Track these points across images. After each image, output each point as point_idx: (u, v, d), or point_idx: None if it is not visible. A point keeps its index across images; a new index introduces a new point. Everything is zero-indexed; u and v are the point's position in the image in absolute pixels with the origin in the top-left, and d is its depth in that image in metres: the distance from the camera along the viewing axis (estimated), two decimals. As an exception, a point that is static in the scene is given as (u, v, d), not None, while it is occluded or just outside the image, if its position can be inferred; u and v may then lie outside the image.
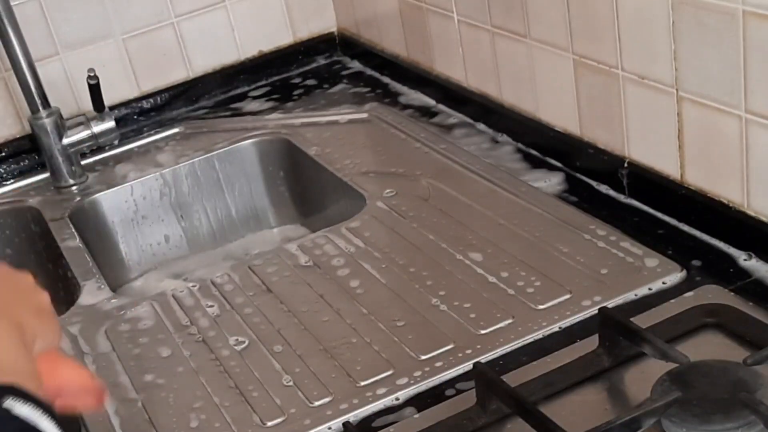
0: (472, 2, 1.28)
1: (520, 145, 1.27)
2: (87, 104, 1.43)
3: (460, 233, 1.11)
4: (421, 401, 0.88)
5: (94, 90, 1.40)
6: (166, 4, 1.58)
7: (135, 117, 1.61)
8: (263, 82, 1.68)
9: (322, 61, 1.71)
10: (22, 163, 1.54)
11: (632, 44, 1.02)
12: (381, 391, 0.90)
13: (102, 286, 1.17)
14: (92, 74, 1.39)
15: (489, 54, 1.28)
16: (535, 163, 1.22)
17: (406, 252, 1.10)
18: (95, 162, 1.50)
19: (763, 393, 0.73)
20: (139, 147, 1.53)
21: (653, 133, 1.04)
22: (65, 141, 1.42)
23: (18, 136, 1.55)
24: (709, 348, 0.84)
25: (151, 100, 1.62)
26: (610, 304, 0.93)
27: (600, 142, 1.14)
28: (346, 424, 0.86)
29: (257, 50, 1.67)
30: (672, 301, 0.91)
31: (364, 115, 1.47)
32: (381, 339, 0.97)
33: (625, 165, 1.10)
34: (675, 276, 0.95)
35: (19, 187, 1.49)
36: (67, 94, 1.54)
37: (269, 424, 0.89)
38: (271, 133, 1.48)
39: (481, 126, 1.34)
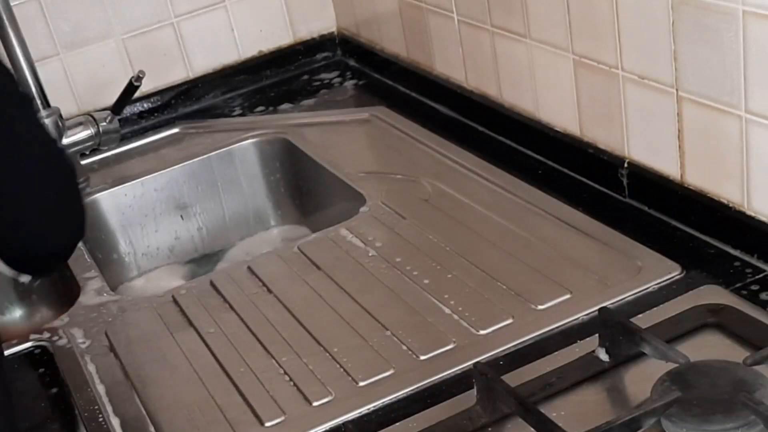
0: (472, 2, 1.28)
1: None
2: (87, 104, 1.43)
3: (460, 233, 1.11)
4: (421, 401, 0.88)
5: (130, 92, 1.39)
6: (165, 4, 1.58)
7: (135, 117, 1.61)
8: (263, 83, 1.68)
9: (321, 61, 1.71)
10: (22, 163, 1.54)
11: (632, 44, 1.02)
12: (381, 391, 0.90)
13: (102, 286, 1.17)
14: (142, 76, 1.38)
15: (489, 54, 1.28)
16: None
17: (405, 252, 1.10)
18: (95, 162, 1.50)
19: (762, 393, 0.73)
20: (139, 147, 1.53)
21: (653, 134, 1.04)
22: (65, 141, 1.42)
23: (18, 136, 1.55)
24: (708, 348, 0.84)
25: (151, 100, 1.62)
26: (610, 304, 0.93)
27: (600, 142, 1.14)
28: (345, 424, 0.86)
29: (257, 50, 1.68)
30: (672, 301, 0.91)
31: (364, 115, 1.47)
32: (381, 339, 0.96)
33: (625, 165, 1.10)
34: (675, 276, 0.95)
35: (19, 187, 1.48)
36: (67, 94, 1.54)
37: (269, 423, 0.89)
38: (271, 133, 1.48)
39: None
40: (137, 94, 1.60)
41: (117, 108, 1.42)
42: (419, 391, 0.89)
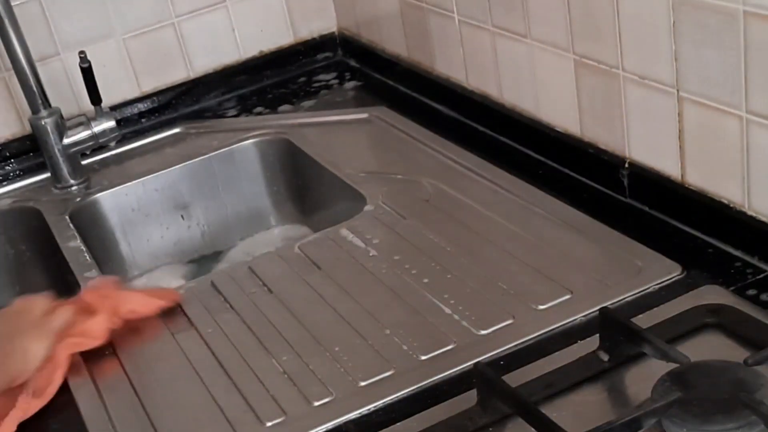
0: (472, 2, 1.28)
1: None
2: (88, 104, 1.43)
3: (461, 233, 1.11)
4: (421, 401, 0.88)
5: (87, 75, 1.39)
6: (166, 4, 1.59)
7: (136, 117, 1.61)
8: (264, 83, 1.68)
9: (322, 61, 1.71)
10: (22, 164, 1.54)
11: (633, 44, 1.02)
12: (381, 391, 0.90)
13: (102, 286, 1.17)
14: (83, 56, 1.38)
15: (489, 54, 1.28)
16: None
17: (406, 252, 1.10)
18: (96, 162, 1.50)
19: (763, 393, 0.73)
20: (139, 147, 1.53)
21: (654, 134, 1.04)
22: (66, 141, 1.42)
23: (19, 136, 1.55)
24: (709, 348, 0.84)
25: (152, 100, 1.62)
26: (611, 304, 0.93)
27: (600, 143, 1.14)
28: (346, 424, 0.86)
29: (258, 50, 1.68)
30: (672, 301, 0.91)
31: (365, 116, 1.47)
32: (381, 339, 0.96)
33: (626, 165, 1.10)
34: (675, 276, 0.95)
35: (20, 187, 1.49)
36: (68, 94, 1.54)
37: (269, 424, 0.89)
38: (271, 133, 1.48)
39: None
40: (138, 94, 1.61)
41: (93, 98, 1.41)
42: (419, 391, 0.89)
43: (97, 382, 1.00)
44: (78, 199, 1.41)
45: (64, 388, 1.00)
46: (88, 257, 1.25)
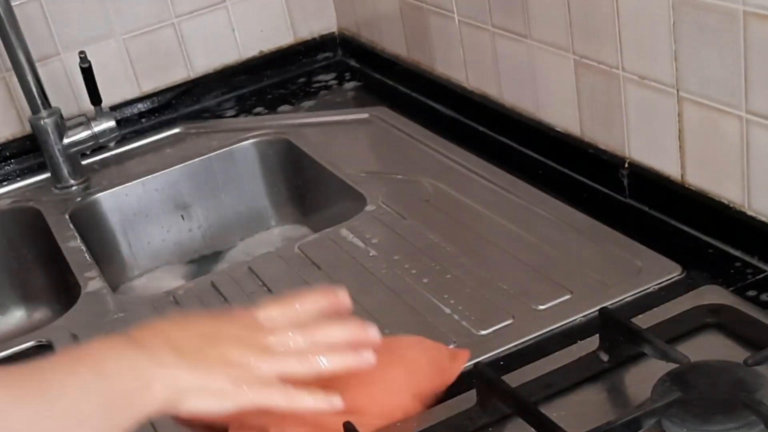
0: (472, 2, 1.28)
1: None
2: (88, 104, 1.43)
3: (461, 234, 1.11)
4: (421, 401, 0.88)
5: (87, 75, 1.39)
6: (166, 4, 1.59)
7: (135, 117, 1.61)
8: (264, 83, 1.68)
9: (322, 61, 1.71)
10: (22, 164, 1.54)
11: (633, 44, 1.02)
12: (381, 391, 0.90)
13: (103, 286, 1.17)
14: (83, 56, 1.38)
15: (489, 54, 1.28)
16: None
17: (406, 252, 1.10)
18: (96, 162, 1.51)
19: (763, 393, 0.73)
20: (139, 147, 1.53)
21: (654, 134, 1.04)
22: (66, 141, 1.42)
23: (18, 136, 1.55)
24: (709, 348, 0.84)
25: (152, 101, 1.62)
26: (611, 304, 0.93)
27: (600, 143, 1.14)
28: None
29: (258, 50, 1.68)
30: (672, 301, 0.91)
31: (365, 116, 1.47)
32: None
33: (626, 165, 1.10)
34: (675, 276, 0.95)
35: (20, 188, 1.49)
36: (68, 94, 1.54)
37: (269, 424, 0.89)
38: (271, 133, 1.48)
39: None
40: (138, 94, 1.61)
41: (93, 98, 1.42)
42: (419, 391, 0.89)
43: (97, 382, 1.00)
44: (78, 199, 1.41)
45: (64, 388, 1.00)
46: (88, 257, 1.25)
